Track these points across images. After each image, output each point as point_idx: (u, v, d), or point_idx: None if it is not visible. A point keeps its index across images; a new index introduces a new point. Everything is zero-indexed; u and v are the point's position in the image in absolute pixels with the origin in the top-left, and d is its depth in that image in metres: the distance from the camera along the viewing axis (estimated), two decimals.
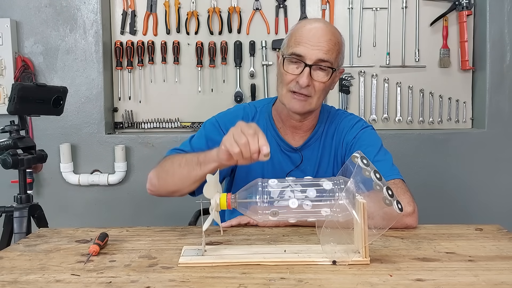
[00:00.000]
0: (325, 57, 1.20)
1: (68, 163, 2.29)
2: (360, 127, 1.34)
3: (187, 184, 1.13)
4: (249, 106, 1.40)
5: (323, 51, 1.20)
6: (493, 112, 2.31)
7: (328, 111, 1.39)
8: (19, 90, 1.33)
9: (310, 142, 1.35)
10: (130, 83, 2.39)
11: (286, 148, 1.34)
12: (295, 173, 1.32)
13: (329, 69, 1.22)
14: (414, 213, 1.12)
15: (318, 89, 1.23)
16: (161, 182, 1.20)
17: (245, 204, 0.91)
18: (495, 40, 2.29)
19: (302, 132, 1.35)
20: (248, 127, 0.96)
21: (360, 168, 0.87)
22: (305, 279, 0.79)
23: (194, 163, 1.10)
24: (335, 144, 1.35)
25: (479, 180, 2.33)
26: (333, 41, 1.22)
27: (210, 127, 1.35)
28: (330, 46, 1.21)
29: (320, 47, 1.20)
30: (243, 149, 0.94)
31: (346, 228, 0.87)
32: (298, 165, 1.34)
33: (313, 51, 1.20)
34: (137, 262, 0.90)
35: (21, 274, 0.84)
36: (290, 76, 1.23)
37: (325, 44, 1.20)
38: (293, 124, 1.33)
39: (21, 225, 1.42)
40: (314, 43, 1.20)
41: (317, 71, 1.22)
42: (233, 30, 2.36)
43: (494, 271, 0.83)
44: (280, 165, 1.33)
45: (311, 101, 1.24)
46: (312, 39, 1.20)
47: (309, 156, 1.34)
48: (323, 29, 1.23)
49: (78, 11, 2.30)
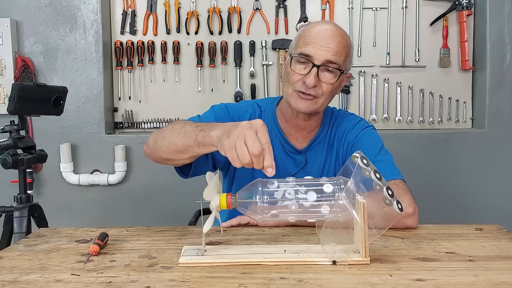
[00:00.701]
0: (333, 59, 1.19)
1: (68, 163, 2.29)
2: (361, 127, 1.34)
3: (181, 157, 1.09)
4: (254, 104, 1.39)
5: (332, 52, 1.19)
6: (493, 112, 2.31)
7: (331, 113, 1.39)
8: (19, 90, 1.33)
9: (315, 144, 1.34)
10: (130, 83, 2.39)
11: (291, 150, 1.33)
12: (300, 176, 1.30)
13: (337, 71, 1.21)
14: (414, 214, 1.12)
15: (325, 91, 1.22)
16: (156, 147, 1.14)
17: (245, 204, 0.90)
18: (495, 40, 2.29)
19: (306, 132, 1.34)
20: (253, 142, 0.86)
21: (360, 168, 0.87)
22: (305, 279, 0.79)
23: (192, 139, 1.03)
24: (337, 145, 1.35)
25: (479, 180, 2.33)
26: (342, 43, 1.21)
27: (220, 109, 1.33)
28: (339, 48, 1.20)
29: (329, 48, 1.19)
30: (245, 165, 0.87)
31: (346, 228, 0.87)
32: (302, 167, 1.33)
33: (322, 51, 1.19)
34: (137, 262, 0.89)
35: (21, 274, 0.84)
36: (297, 76, 1.21)
37: (334, 45, 1.19)
38: (297, 124, 1.32)
39: (21, 225, 1.42)
40: (323, 44, 1.19)
41: (324, 72, 1.20)
42: (233, 30, 2.36)
43: (494, 271, 0.83)
44: (284, 167, 1.32)
45: (317, 101, 1.23)
46: (322, 40, 1.19)
47: (313, 159, 1.34)
48: (333, 31, 1.22)
49: (78, 11, 2.30)
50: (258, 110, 1.37)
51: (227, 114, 1.32)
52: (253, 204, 0.90)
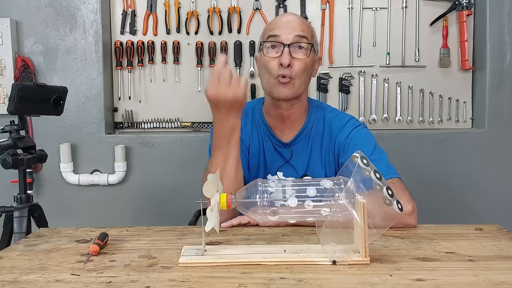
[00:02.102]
0: (301, 34, 1.28)
1: (68, 163, 2.29)
2: (352, 126, 1.35)
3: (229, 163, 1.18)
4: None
5: (298, 29, 1.28)
6: (493, 112, 2.31)
7: (318, 107, 1.42)
8: (19, 90, 1.33)
9: (300, 137, 1.37)
10: (130, 83, 2.39)
11: (277, 143, 1.37)
12: (285, 168, 1.35)
13: (308, 45, 1.28)
14: (413, 212, 1.12)
15: (299, 69, 1.27)
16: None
17: (245, 204, 0.91)
18: (495, 40, 2.29)
19: (291, 122, 1.37)
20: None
21: (360, 168, 0.87)
22: (305, 279, 0.79)
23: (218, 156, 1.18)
24: (325, 141, 1.36)
25: (479, 180, 2.32)
26: (305, 24, 1.32)
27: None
28: (303, 27, 1.30)
29: (294, 27, 1.28)
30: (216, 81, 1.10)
31: (346, 228, 0.87)
32: (288, 160, 1.36)
33: (289, 31, 1.28)
34: (137, 262, 0.90)
35: (21, 274, 0.84)
36: (272, 61, 1.28)
37: (298, 25, 1.29)
38: (282, 115, 1.35)
39: (21, 225, 1.42)
40: (288, 26, 1.28)
41: (296, 49, 1.28)
42: (233, 30, 2.36)
43: (494, 271, 0.83)
44: (272, 160, 1.37)
45: (294, 83, 1.27)
46: (285, 24, 1.29)
47: (299, 151, 1.36)
48: (294, 17, 1.33)
49: (78, 11, 2.30)
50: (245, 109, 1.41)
51: None
52: (253, 204, 0.90)
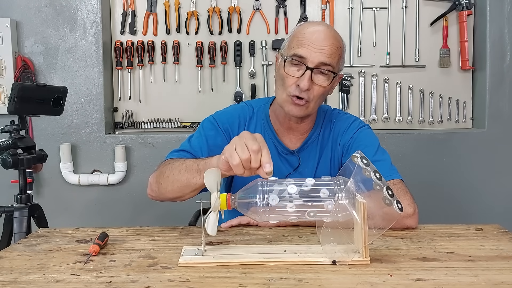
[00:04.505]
0: (327, 61, 1.18)
1: (68, 163, 2.29)
2: (357, 127, 1.34)
3: (187, 191, 1.10)
4: (246, 105, 1.39)
5: (325, 54, 1.18)
6: (493, 112, 2.31)
7: (324, 112, 1.38)
8: (19, 90, 1.33)
9: (307, 144, 1.34)
10: (130, 83, 2.39)
11: (284, 151, 1.33)
12: (294, 176, 1.31)
13: (330, 73, 1.20)
14: (414, 215, 1.12)
15: (317, 94, 1.21)
16: (161, 189, 1.16)
17: (245, 204, 0.91)
18: (495, 40, 2.29)
19: (299, 134, 1.34)
20: (252, 141, 0.90)
21: (360, 168, 0.87)
22: (305, 279, 0.79)
23: (194, 170, 1.06)
24: (332, 145, 1.35)
25: (479, 180, 2.33)
26: (335, 45, 1.20)
27: (209, 125, 1.34)
28: (332, 50, 1.19)
29: (322, 50, 1.18)
30: (244, 164, 0.89)
31: (346, 228, 0.87)
32: (296, 168, 1.33)
33: (316, 53, 1.17)
34: (137, 262, 0.89)
35: (21, 274, 0.84)
36: (290, 79, 1.20)
37: (327, 47, 1.18)
38: (290, 126, 1.32)
39: (21, 225, 1.42)
40: (317, 46, 1.18)
41: (318, 74, 1.19)
42: (233, 30, 2.36)
43: (494, 271, 0.83)
44: (277, 168, 1.30)
45: (308, 105, 1.22)
46: (315, 42, 1.18)
47: (306, 159, 1.33)
48: (326, 32, 1.20)
49: (78, 11, 2.30)
50: (250, 111, 1.37)
51: (216, 127, 1.32)
52: (253, 204, 0.90)
